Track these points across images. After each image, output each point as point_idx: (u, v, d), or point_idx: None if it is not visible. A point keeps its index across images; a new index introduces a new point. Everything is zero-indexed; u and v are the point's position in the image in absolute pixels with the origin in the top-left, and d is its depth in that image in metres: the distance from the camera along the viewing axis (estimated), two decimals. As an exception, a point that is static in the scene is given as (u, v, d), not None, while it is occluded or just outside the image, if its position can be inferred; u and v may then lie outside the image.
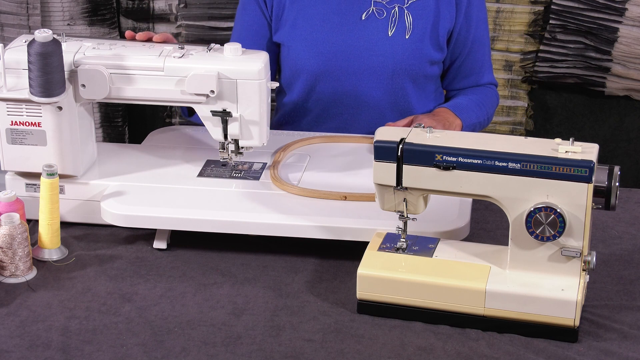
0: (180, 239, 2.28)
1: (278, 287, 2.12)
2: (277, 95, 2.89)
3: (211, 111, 2.27)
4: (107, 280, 2.14)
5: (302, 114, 2.79)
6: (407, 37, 2.64)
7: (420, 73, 2.69)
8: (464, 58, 2.74)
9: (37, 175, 2.28)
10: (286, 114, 2.83)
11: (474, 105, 2.73)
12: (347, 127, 2.74)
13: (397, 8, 2.64)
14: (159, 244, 2.25)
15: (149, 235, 2.29)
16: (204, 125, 2.32)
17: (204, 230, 2.22)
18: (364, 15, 2.66)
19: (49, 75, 2.18)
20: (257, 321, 2.01)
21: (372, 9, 2.65)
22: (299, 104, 2.78)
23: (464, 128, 2.66)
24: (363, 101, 2.71)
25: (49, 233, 2.21)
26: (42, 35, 2.16)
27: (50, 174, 2.17)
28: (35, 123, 2.26)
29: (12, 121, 2.26)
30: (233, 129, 2.28)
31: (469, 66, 2.76)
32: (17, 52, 2.26)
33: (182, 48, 2.29)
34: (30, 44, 2.18)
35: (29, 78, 2.20)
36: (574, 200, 1.89)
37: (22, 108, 2.24)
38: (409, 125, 2.54)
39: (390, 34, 2.65)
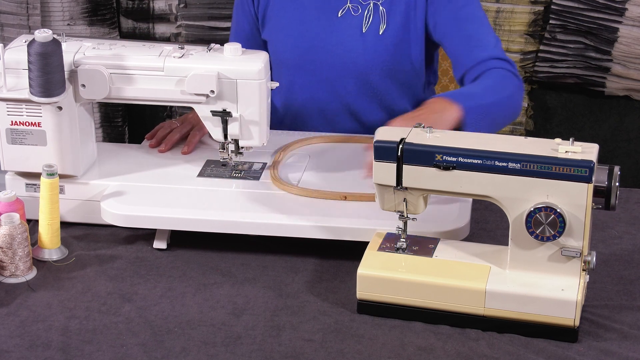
0: (180, 239, 2.28)
1: (278, 287, 2.12)
2: None
3: (211, 111, 2.27)
4: (107, 280, 2.14)
5: (286, 110, 2.79)
6: (380, 33, 2.64)
7: (398, 68, 2.68)
8: (458, 38, 2.61)
9: (37, 175, 2.28)
10: (272, 112, 2.83)
11: (475, 88, 2.53)
12: (332, 125, 2.74)
13: (372, 4, 2.64)
14: (159, 244, 2.25)
15: (149, 235, 2.29)
16: None
17: (204, 230, 2.22)
18: (340, 12, 2.67)
19: (49, 75, 2.18)
20: (257, 321, 2.01)
21: (348, 6, 2.66)
22: (283, 100, 2.78)
23: (467, 111, 2.40)
24: (342, 98, 2.71)
25: (49, 233, 2.21)
26: (42, 35, 2.16)
27: (50, 174, 2.17)
28: (35, 123, 2.25)
29: (12, 121, 2.26)
30: (233, 129, 2.28)
31: (464, 44, 2.61)
32: (17, 52, 2.26)
33: (182, 48, 2.29)
34: (30, 44, 2.18)
35: (29, 78, 2.20)
36: (574, 200, 1.89)
37: (22, 108, 2.24)
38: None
39: (364, 30, 2.65)
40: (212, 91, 2.23)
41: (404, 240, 2.06)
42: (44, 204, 2.19)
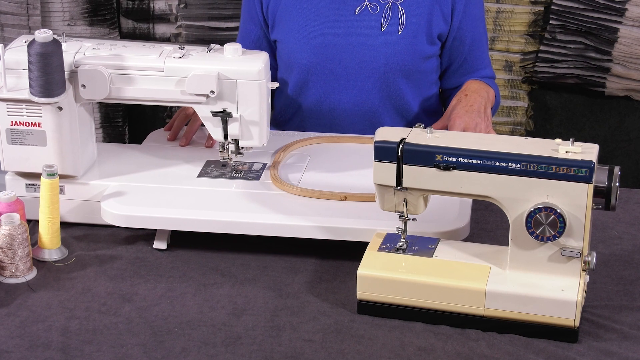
0: (180, 239, 2.28)
1: (278, 287, 2.12)
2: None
3: (211, 111, 2.27)
4: (107, 280, 2.14)
5: (295, 110, 2.79)
6: (399, 33, 2.65)
7: (413, 69, 2.69)
8: (464, 57, 2.75)
9: (37, 176, 2.28)
10: (279, 110, 2.83)
11: (490, 83, 2.77)
12: (341, 124, 2.74)
13: (390, 4, 2.65)
14: (159, 244, 2.25)
15: (149, 235, 2.29)
16: None
17: (204, 231, 2.22)
18: (357, 10, 2.67)
19: (49, 75, 2.18)
20: (257, 321, 2.00)
21: (366, 4, 2.66)
22: (292, 100, 2.78)
23: (496, 97, 2.74)
24: (356, 97, 2.71)
25: (49, 233, 2.21)
26: (42, 35, 2.16)
27: (50, 174, 2.17)
28: (35, 123, 2.25)
29: (12, 121, 2.26)
30: (233, 129, 2.28)
31: (470, 64, 2.77)
32: (17, 53, 2.26)
33: (182, 48, 2.29)
34: (31, 44, 2.18)
35: (29, 78, 2.20)
36: (574, 200, 1.89)
37: (22, 108, 2.24)
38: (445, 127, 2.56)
39: (382, 29, 2.65)
40: (212, 91, 2.23)
41: (404, 240, 2.06)
42: (44, 204, 2.19)
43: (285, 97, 2.80)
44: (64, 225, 2.29)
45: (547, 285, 1.93)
